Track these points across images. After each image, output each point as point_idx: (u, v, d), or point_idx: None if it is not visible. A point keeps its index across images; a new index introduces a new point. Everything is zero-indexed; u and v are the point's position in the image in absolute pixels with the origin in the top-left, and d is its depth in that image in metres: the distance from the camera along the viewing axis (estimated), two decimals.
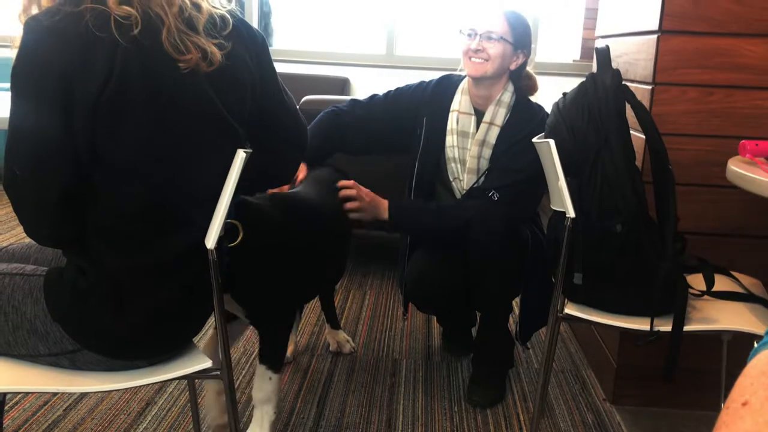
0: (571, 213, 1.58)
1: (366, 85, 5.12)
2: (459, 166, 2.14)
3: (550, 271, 1.76)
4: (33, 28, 1.14)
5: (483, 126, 2.10)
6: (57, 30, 1.13)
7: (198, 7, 1.25)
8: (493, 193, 2.03)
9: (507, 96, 2.10)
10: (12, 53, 1.24)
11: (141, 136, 1.20)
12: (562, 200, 1.58)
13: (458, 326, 2.47)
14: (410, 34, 5.35)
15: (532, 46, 2.14)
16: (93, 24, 1.13)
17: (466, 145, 2.13)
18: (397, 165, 2.55)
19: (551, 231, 1.74)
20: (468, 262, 2.02)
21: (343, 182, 2.07)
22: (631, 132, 1.65)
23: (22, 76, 1.15)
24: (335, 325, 2.47)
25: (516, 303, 2.23)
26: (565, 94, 1.73)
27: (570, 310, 1.67)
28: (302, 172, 2.06)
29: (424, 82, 2.26)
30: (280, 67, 1.45)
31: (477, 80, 2.09)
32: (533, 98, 2.18)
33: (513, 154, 2.05)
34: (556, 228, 1.68)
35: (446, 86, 2.21)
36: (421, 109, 2.19)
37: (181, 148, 1.25)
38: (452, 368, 2.37)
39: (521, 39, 2.08)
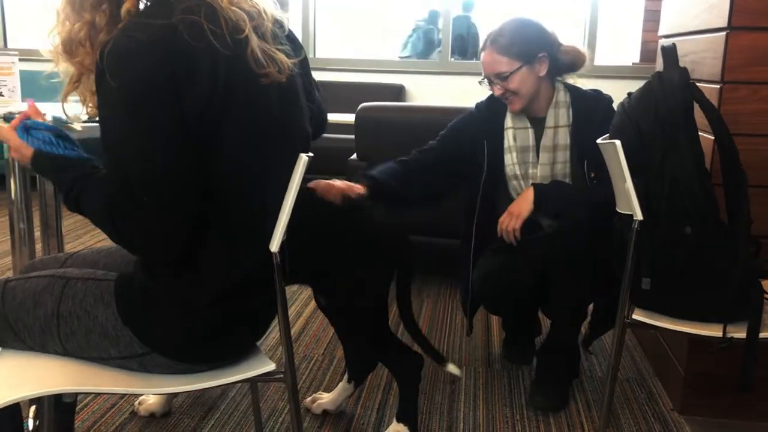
0: (638, 215, 1.54)
1: (421, 93, 5.12)
2: (522, 182, 2.11)
3: (617, 276, 1.71)
4: (128, 46, 1.12)
5: (548, 132, 2.07)
6: (156, 44, 1.12)
7: (266, 14, 1.26)
8: (593, 177, 1.97)
9: (562, 95, 2.07)
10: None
11: (238, 145, 1.21)
12: (629, 202, 1.54)
13: (522, 333, 2.43)
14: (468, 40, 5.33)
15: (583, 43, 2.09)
16: (188, 35, 1.13)
17: (528, 159, 2.10)
18: None
19: (617, 234, 1.70)
20: (553, 258, 1.98)
21: (501, 221, 2.05)
22: (699, 132, 1.60)
23: (131, 97, 1.12)
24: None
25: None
26: (630, 94, 1.69)
27: (638, 316, 1.62)
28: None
29: (472, 109, 2.23)
30: (335, 76, 1.49)
31: (522, 108, 2.08)
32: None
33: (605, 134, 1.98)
34: (623, 231, 1.64)
35: (496, 105, 2.16)
36: (478, 135, 2.16)
37: (267, 157, 1.27)
38: (513, 376, 2.33)
39: (526, 50, 2.01)
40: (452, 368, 1.97)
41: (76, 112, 1.37)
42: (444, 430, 1.99)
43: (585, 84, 2.15)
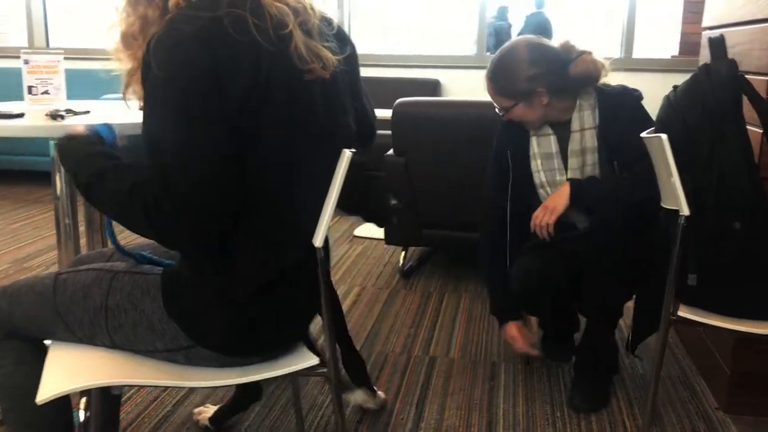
0: (685, 211, 1.51)
1: (457, 87, 5.10)
2: (549, 190, 2.09)
3: (659, 273, 1.69)
4: (175, 37, 1.14)
5: (575, 136, 2.04)
6: (201, 36, 1.13)
7: (313, 10, 1.27)
8: (635, 166, 1.93)
9: (585, 99, 2.04)
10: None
11: (278, 139, 1.22)
12: (676, 197, 1.52)
13: (561, 330, 2.41)
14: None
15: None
16: (233, 29, 1.14)
17: (552, 165, 2.08)
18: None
19: (662, 230, 1.67)
20: (586, 256, 1.96)
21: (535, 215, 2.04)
22: (747, 126, 1.56)
23: (173, 87, 1.14)
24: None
25: (628, 308, 2.14)
26: (675, 87, 1.66)
27: (683, 312, 1.60)
28: None
29: (500, 123, 2.22)
30: (371, 72, 1.49)
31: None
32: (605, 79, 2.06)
33: (637, 137, 1.94)
34: (668, 227, 1.61)
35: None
36: (505, 148, 2.16)
37: (307, 153, 1.28)
38: (553, 373, 2.31)
39: (518, 90, 1.99)
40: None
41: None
42: (484, 426, 1.98)
43: (622, 79, 2.11)
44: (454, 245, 3.40)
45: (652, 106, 2.01)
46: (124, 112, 2.12)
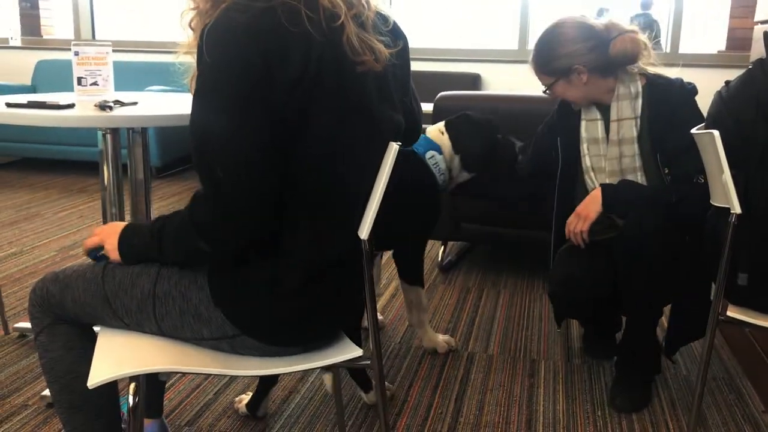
0: (736, 209, 1.48)
1: (497, 81, 5.06)
2: (593, 175, 2.07)
3: (710, 273, 1.65)
4: (227, 25, 1.16)
5: (613, 125, 2.02)
6: (253, 26, 1.15)
7: (368, 4, 1.27)
8: (698, 177, 1.87)
9: (623, 88, 2.00)
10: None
11: (327, 130, 1.22)
12: (727, 195, 1.48)
13: (602, 329, 2.38)
14: (543, 27, 5.23)
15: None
16: (286, 19, 1.15)
17: (599, 151, 2.05)
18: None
19: (711, 229, 1.64)
20: (619, 260, 1.93)
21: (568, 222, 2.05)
22: None
23: (222, 74, 1.16)
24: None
25: (665, 310, 2.10)
26: (728, 82, 1.62)
27: (732, 313, 1.56)
28: None
29: (555, 108, 2.23)
30: (412, 65, 1.49)
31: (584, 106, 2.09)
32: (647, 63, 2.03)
33: (676, 132, 1.90)
34: (717, 225, 1.58)
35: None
36: (554, 130, 2.18)
37: (356, 144, 1.28)
38: (594, 371, 2.28)
39: (556, 67, 2.00)
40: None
41: None
42: (523, 423, 1.97)
43: (668, 73, 2.07)
44: (493, 240, 3.39)
45: (699, 102, 1.97)
46: (169, 103, 2.16)
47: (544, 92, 2.10)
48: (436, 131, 2.23)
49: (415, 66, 1.46)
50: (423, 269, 2.33)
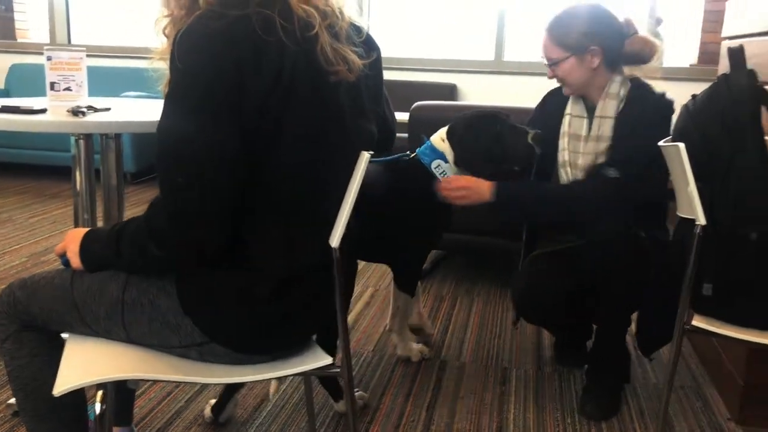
0: (701, 220, 1.51)
1: (473, 91, 5.10)
2: (569, 170, 2.09)
3: (677, 281, 1.68)
4: (200, 32, 1.16)
5: (595, 121, 2.05)
6: (227, 33, 1.15)
7: (342, 15, 1.29)
8: (611, 170, 1.94)
9: (615, 87, 2.03)
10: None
11: (300, 138, 1.23)
12: (692, 206, 1.51)
13: (573, 337, 2.41)
14: (519, 39, 5.28)
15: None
16: (260, 28, 1.16)
17: (578, 148, 2.08)
18: None
19: (677, 239, 1.67)
20: (585, 272, 1.97)
21: (440, 186, 2.08)
22: (766, 137, 1.56)
23: (193, 80, 1.16)
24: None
25: (634, 315, 2.14)
26: (694, 96, 1.65)
27: (698, 322, 1.59)
28: None
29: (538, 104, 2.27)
30: (389, 75, 1.51)
31: (576, 95, 2.10)
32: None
33: (630, 134, 1.96)
34: (684, 236, 1.61)
35: (558, 94, 2.18)
36: (535, 122, 2.20)
37: (329, 152, 1.29)
38: (564, 379, 2.30)
39: (580, 42, 1.99)
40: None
41: None
42: (494, 430, 1.98)
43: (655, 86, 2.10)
44: (468, 249, 3.41)
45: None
46: (143, 109, 2.15)
47: (548, 65, 2.05)
48: (438, 139, 2.18)
49: (392, 75, 1.48)
50: (419, 278, 2.33)
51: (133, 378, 1.25)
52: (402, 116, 3.14)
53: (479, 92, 5.08)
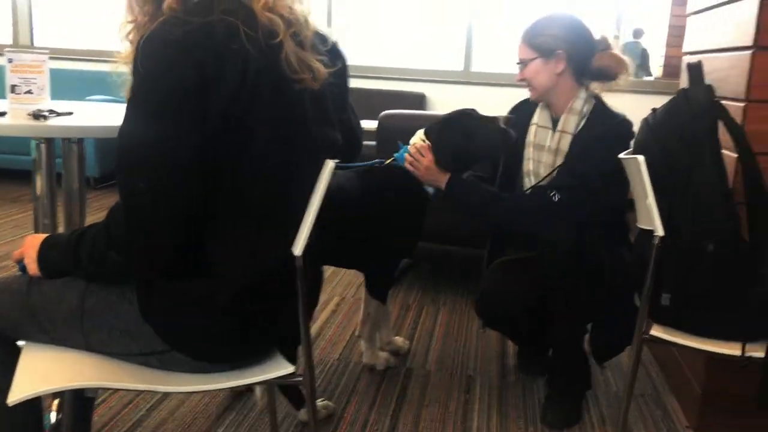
0: (660, 231, 1.54)
1: (443, 101, 5.14)
2: (531, 178, 2.12)
3: (635, 291, 1.71)
4: (163, 38, 1.15)
5: (556, 135, 2.08)
6: (190, 40, 1.15)
7: (307, 23, 1.29)
8: (554, 194, 1.97)
9: (578, 103, 2.06)
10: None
11: (263, 146, 1.23)
12: (651, 218, 1.54)
13: (535, 345, 2.43)
14: (487, 50, 5.34)
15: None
16: (223, 35, 1.16)
17: (542, 158, 2.11)
18: None
19: (637, 250, 1.70)
20: (543, 281, 1.99)
21: (417, 145, 2.11)
22: (723, 150, 1.60)
23: (155, 86, 1.15)
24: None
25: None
26: (654, 110, 1.69)
27: (656, 332, 1.62)
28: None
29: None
30: (359, 83, 1.52)
31: (540, 100, 2.13)
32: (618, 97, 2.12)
33: (581, 157, 2.00)
34: (643, 247, 1.64)
35: (526, 105, 2.21)
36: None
37: (292, 160, 1.29)
38: (527, 388, 2.32)
39: (547, 44, 2.03)
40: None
41: None
42: None
43: (611, 100, 2.14)
44: (434, 258, 3.42)
45: (635, 128, 2.03)
46: (106, 113, 2.12)
47: (520, 64, 2.09)
48: (417, 140, 2.18)
49: (362, 84, 1.49)
50: (391, 286, 2.33)
51: (91, 386, 1.23)
52: (372, 124, 3.17)
53: (448, 102, 5.12)
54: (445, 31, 5.74)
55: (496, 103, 2.24)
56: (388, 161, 2.18)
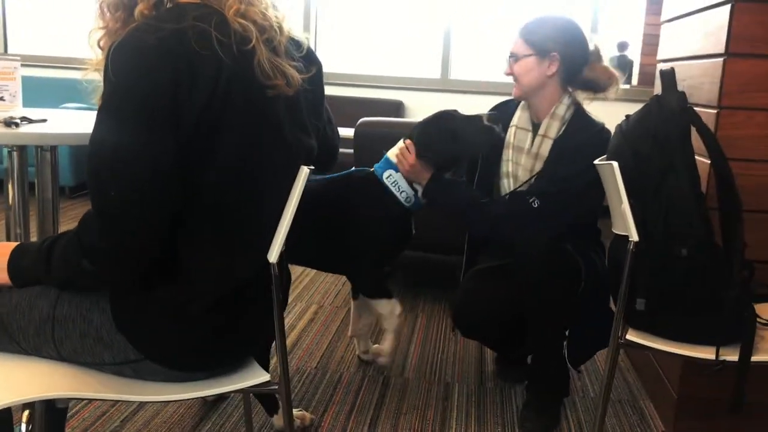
0: (634, 237, 1.55)
1: (420, 108, 5.16)
2: (511, 181, 2.13)
3: (610, 296, 1.72)
4: (134, 44, 1.14)
5: (537, 139, 2.09)
6: (162, 47, 1.13)
7: (280, 29, 1.28)
8: (534, 200, 1.98)
9: (562, 109, 2.08)
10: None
11: (236, 152, 1.22)
12: (625, 224, 1.55)
13: (514, 352, 2.43)
14: (465, 58, 5.37)
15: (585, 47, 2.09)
16: (196, 42, 1.15)
17: (520, 160, 2.12)
18: None
19: (613, 255, 1.71)
20: (518, 288, 2.00)
21: (406, 142, 2.13)
22: (696, 156, 1.61)
23: (127, 93, 1.14)
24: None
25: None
26: (628, 116, 1.70)
27: (631, 336, 1.63)
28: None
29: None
30: (336, 91, 1.52)
31: (523, 98, 2.13)
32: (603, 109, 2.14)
33: (561, 163, 2.02)
34: (618, 252, 1.65)
35: (506, 107, 2.23)
36: None
37: (266, 167, 1.28)
38: (506, 395, 2.33)
39: (544, 44, 2.04)
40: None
41: None
42: None
43: (588, 107, 2.16)
44: (412, 265, 3.43)
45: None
46: (80, 121, 2.10)
47: (512, 58, 2.09)
48: (393, 151, 2.20)
49: (340, 91, 1.49)
50: (376, 279, 2.26)
51: (62, 397, 1.21)
52: (349, 132, 3.17)
53: (426, 109, 5.10)
54: (422, 38, 5.78)
55: (473, 111, 2.25)
56: (371, 170, 2.20)
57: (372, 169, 2.22)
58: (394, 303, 2.22)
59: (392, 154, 2.19)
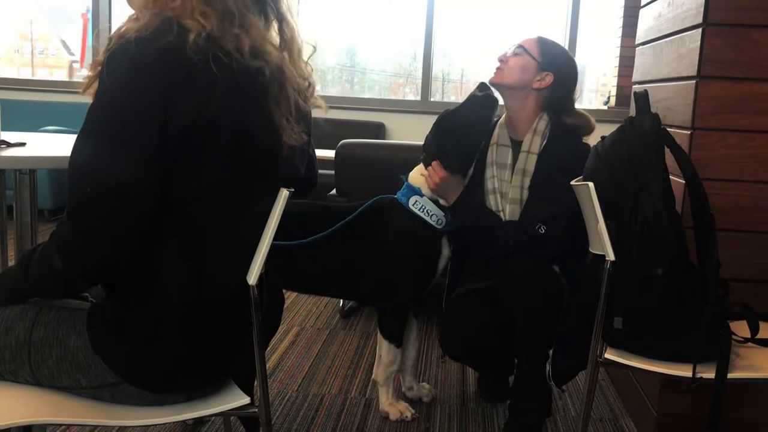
0: (610, 256, 1.57)
1: (401, 130, 5.19)
2: (499, 197, 2.15)
3: (590, 314, 1.74)
4: (130, 54, 1.14)
5: (522, 155, 2.13)
6: (163, 53, 1.14)
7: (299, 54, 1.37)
8: (540, 226, 2.02)
9: (542, 125, 2.13)
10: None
11: (217, 169, 1.23)
12: (602, 243, 1.58)
13: (496, 372, 2.44)
14: (444, 82, 5.43)
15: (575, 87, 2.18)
16: (195, 54, 1.15)
17: (504, 176, 2.15)
18: None
19: (590, 274, 1.73)
20: (503, 309, 2.01)
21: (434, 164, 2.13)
22: (670, 176, 1.64)
23: (119, 102, 1.15)
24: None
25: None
26: (603, 137, 1.73)
27: (610, 355, 1.64)
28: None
29: None
30: (316, 112, 1.53)
31: (497, 88, 2.17)
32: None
33: (549, 183, 2.05)
34: (595, 271, 1.67)
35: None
36: None
37: (249, 186, 1.29)
38: (488, 415, 2.33)
39: (550, 60, 2.12)
40: None
41: None
42: None
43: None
44: None
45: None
46: (60, 144, 2.09)
47: (518, 49, 2.14)
48: (416, 173, 2.19)
49: (321, 113, 1.50)
50: (403, 327, 2.26)
51: (39, 422, 1.20)
52: (330, 153, 3.18)
53: (406, 131, 5.17)
54: (402, 59, 5.84)
55: None
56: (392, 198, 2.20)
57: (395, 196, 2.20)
58: (397, 354, 2.21)
59: (414, 179, 2.19)
